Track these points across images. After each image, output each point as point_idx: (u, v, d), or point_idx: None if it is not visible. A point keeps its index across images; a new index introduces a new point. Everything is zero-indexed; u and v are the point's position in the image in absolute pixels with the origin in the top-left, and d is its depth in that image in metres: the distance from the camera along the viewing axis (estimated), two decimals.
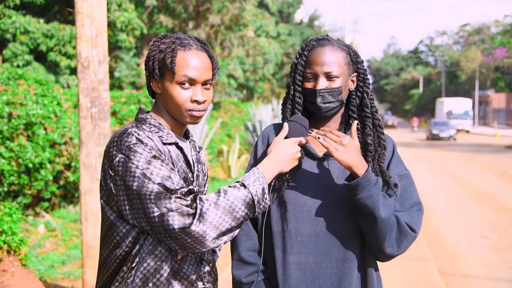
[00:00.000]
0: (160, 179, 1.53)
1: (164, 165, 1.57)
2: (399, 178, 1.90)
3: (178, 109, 1.69)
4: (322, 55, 1.84)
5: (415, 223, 1.83)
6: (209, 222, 1.52)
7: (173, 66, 1.66)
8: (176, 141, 1.72)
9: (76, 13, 3.74)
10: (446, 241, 7.21)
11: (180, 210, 1.51)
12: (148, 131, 1.66)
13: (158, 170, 1.54)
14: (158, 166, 1.55)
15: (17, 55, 12.69)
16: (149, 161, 1.55)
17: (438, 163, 17.63)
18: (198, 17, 19.26)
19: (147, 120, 1.71)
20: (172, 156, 1.69)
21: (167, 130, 1.72)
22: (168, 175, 1.55)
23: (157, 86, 1.73)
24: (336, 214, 1.83)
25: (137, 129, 1.64)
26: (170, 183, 1.54)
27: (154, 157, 1.57)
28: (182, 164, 1.72)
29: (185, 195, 1.54)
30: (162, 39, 1.73)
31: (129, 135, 1.60)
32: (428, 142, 31.23)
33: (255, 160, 1.99)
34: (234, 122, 16.89)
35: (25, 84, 6.77)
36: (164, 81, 1.70)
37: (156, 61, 1.70)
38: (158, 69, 1.69)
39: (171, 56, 1.67)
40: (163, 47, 1.70)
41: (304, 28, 42.10)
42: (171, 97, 1.68)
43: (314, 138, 1.78)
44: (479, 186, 12.18)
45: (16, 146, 6.32)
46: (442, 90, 57.45)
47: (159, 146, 1.64)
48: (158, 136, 1.68)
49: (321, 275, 1.82)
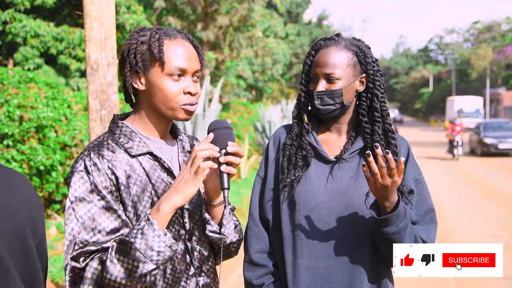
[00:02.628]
0: (74, 228, 1.43)
1: (94, 209, 1.44)
2: (415, 183, 1.85)
3: (170, 104, 1.54)
4: (324, 57, 1.80)
5: (431, 239, 1.81)
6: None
7: (161, 55, 1.51)
8: (149, 150, 1.55)
9: (85, 16, 3.75)
10: (457, 239, 7.15)
11: (72, 274, 1.42)
12: (115, 145, 1.53)
13: (80, 214, 1.44)
14: (83, 210, 1.44)
15: (28, 58, 12.78)
16: (80, 199, 1.44)
17: (450, 162, 17.49)
18: (206, 18, 19.29)
19: (118, 129, 1.57)
20: (146, 168, 1.54)
21: (139, 138, 1.57)
22: (84, 226, 1.43)
23: (139, 82, 1.56)
24: (347, 218, 1.79)
25: (98, 149, 1.51)
26: (82, 235, 1.42)
27: (89, 194, 1.45)
28: (159, 174, 1.56)
29: (83, 255, 1.42)
30: (140, 32, 1.58)
31: (79, 159, 1.49)
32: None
33: (266, 163, 1.96)
34: (243, 123, 16.89)
35: (35, 87, 6.81)
36: (149, 75, 1.54)
37: (138, 53, 1.54)
38: (141, 62, 1.53)
39: (158, 46, 1.52)
40: (144, 38, 1.55)
41: (313, 28, 42.00)
42: (161, 91, 1.53)
43: (378, 154, 1.60)
44: (490, 184, 12.07)
45: (27, 149, 6.36)
46: (452, 89, 57.02)
47: (119, 166, 1.50)
48: (125, 149, 1.53)
49: (332, 279, 1.79)
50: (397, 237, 1.68)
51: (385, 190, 1.62)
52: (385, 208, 1.67)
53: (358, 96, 1.88)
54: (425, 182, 1.89)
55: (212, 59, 18.71)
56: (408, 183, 1.84)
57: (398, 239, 1.68)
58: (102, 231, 1.44)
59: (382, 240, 1.73)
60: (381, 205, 1.68)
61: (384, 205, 1.66)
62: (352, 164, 1.84)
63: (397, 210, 1.65)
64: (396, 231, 1.67)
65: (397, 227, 1.66)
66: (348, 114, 1.88)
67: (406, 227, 1.69)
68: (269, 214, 1.92)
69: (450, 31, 65.87)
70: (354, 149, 1.84)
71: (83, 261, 1.42)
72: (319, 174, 1.84)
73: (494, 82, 52.97)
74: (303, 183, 1.84)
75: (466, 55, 58.40)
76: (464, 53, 59.94)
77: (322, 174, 1.84)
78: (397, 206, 1.67)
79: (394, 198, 1.66)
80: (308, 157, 1.85)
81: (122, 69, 1.58)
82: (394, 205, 1.67)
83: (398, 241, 1.68)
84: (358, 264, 1.79)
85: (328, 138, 1.91)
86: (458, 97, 45.43)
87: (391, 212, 1.67)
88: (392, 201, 1.66)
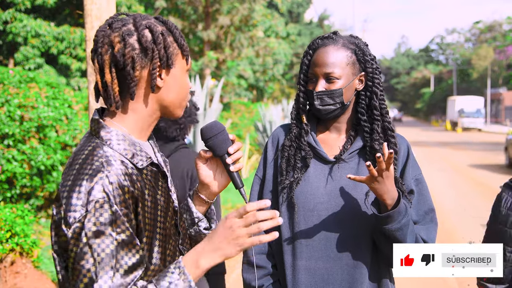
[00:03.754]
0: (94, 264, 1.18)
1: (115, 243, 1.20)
2: (416, 183, 1.84)
3: (182, 102, 1.42)
4: (322, 56, 1.78)
5: (432, 239, 1.80)
6: None
7: (187, 49, 1.39)
8: (151, 159, 1.37)
9: (85, 16, 3.76)
10: (457, 239, 7.15)
11: None
12: (121, 160, 1.29)
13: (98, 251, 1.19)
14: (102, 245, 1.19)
15: (29, 58, 12.79)
16: (98, 233, 1.19)
17: (451, 162, 17.48)
18: (207, 18, 19.29)
19: (114, 139, 1.31)
20: (151, 179, 1.36)
21: (139, 146, 1.35)
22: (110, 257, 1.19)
23: (159, 78, 1.36)
24: (347, 219, 1.78)
25: (108, 167, 1.24)
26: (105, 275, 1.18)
27: (108, 227, 1.20)
28: (162, 182, 1.42)
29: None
30: (144, 19, 1.36)
31: (96, 185, 1.21)
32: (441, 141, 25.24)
33: (264, 164, 1.95)
34: (244, 122, 16.89)
35: (36, 87, 6.81)
36: (173, 70, 1.37)
37: (168, 47, 1.34)
38: (170, 55, 1.35)
39: (182, 38, 1.37)
40: (161, 29, 1.35)
41: (314, 28, 41.99)
42: (182, 88, 1.39)
43: (378, 159, 1.58)
44: (492, 184, 12.06)
45: (28, 148, 6.36)
46: (453, 89, 56.96)
47: (133, 181, 1.28)
48: (132, 163, 1.31)
49: (331, 281, 1.78)
50: (400, 233, 1.67)
51: (382, 184, 1.62)
52: (387, 205, 1.67)
53: (357, 95, 1.86)
54: (425, 182, 1.88)
55: (213, 59, 18.71)
56: (408, 182, 1.83)
57: (401, 235, 1.68)
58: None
59: (384, 239, 1.72)
60: (383, 203, 1.68)
61: (386, 203, 1.66)
62: (351, 165, 1.83)
63: (399, 207, 1.65)
64: (399, 228, 1.66)
65: (400, 223, 1.66)
66: (347, 113, 1.86)
67: (408, 223, 1.69)
68: None
69: (452, 31, 65.95)
70: (353, 149, 1.83)
71: None
72: (318, 174, 1.83)
73: (495, 82, 52.93)
74: (302, 184, 1.82)
75: (467, 55, 58.38)
76: (465, 53, 59.92)
77: (321, 175, 1.83)
78: (398, 203, 1.67)
79: (395, 195, 1.67)
80: (307, 158, 1.84)
81: (134, 63, 1.31)
82: (395, 202, 1.67)
83: (401, 238, 1.68)
84: (358, 265, 1.78)
85: (327, 137, 1.89)
86: (459, 97, 45.40)
87: (393, 209, 1.67)
88: (393, 198, 1.66)
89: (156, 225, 1.34)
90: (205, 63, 18.56)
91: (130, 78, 1.31)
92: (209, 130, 1.45)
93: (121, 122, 1.36)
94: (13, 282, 4.02)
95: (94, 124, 1.34)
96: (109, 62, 1.32)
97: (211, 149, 1.47)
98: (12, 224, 4.02)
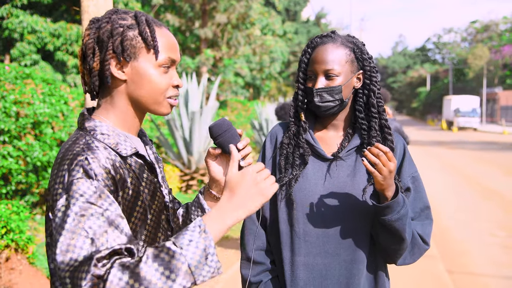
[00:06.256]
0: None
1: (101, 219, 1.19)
2: (412, 180, 1.88)
3: (157, 98, 1.41)
4: (322, 53, 1.80)
5: (427, 235, 1.84)
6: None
7: (156, 44, 1.38)
8: (136, 149, 1.40)
9: (82, 12, 3.74)
10: (454, 239, 7.18)
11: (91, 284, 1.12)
12: (104, 147, 1.32)
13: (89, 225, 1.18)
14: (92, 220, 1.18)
15: (25, 54, 12.75)
16: (86, 208, 1.19)
17: (446, 161, 17.54)
18: (204, 15, 19.27)
19: (98, 129, 1.36)
20: (135, 169, 1.38)
21: (124, 136, 1.39)
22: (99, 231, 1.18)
23: (121, 71, 1.38)
24: (345, 215, 1.81)
25: (90, 152, 1.27)
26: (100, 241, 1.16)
27: (98, 198, 1.21)
28: (147, 175, 1.43)
29: (103, 259, 1.15)
30: (118, 15, 1.40)
31: (76, 166, 1.23)
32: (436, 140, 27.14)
33: (263, 161, 1.96)
34: (240, 120, 16.90)
35: (32, 83, 6.79)
36: (136, 63, 1.38)
37: (126, 39, 1.36)
38: (130, 48, 1.36)
39: (151, 33, 1.38)
40: (130, 23, 1.38)
41: (311, 26, 42.01)
42: (150, 83, 1.38)
43: (367, 155, 1.63)
44: (488, 184, 12.11)
45: (24, 145, 6.34)
46: (449, 88, 57.16)
47: (115, 167, 1.30)
48: (115, 151, 1.34)
49: (329, 276, 1.81)
50: (399, 223, 1.70)
51: (390, 177, 1.64)
52: (386, 197, 1.70)
53: (354, 93, 1.88)
54: (421, 179, 1.91)
55: (210, 57, 18.70)
56: (404, 180, 1.86)
57: (401, 225, 1.70)
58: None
59: (383, 231, 1.75)
60: (382, 195, 1.71)
61: (386, 195, 1.69)
62: (349, 162, 1.85)
63: (397, 197, 1.69)
64: (398, 218, 1.69)
65: (399, 213, 1.69)
66: (345, 111, 1.89)
67: (407, 214, 1.72)
68: (266, 212, 1.93)
69: (448, 30, 66.03)
70: (351, 147, 1.85)
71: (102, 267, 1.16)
72: (316, 171, 1.85)
73: (491, 82, 53.13)
74: (301, 181, 1.84)
75: (463, 55, 58.57)
76: (461, 52, 60.10)
77: (319, 172, 1.85)
78: (397, 194, 1.71)
79: (393, 186, 1.70)
80: (306, 156, 1.86)
81: (93, 54, 1.38)
82: (394, 193, 1.71)
83: (400, 229, 1.71)
84: (355, 260, 1.81)
85: (325, 135, 1.91)
86: (455, 97, 45.52)
87: (392, 199, 1.70)
88: (393, 190, 1.70)
89: (132, 214, 1.34)
90: (201, 61, 18.56)
91: (89, 69, 1.39)
92: (218, 128, 1.48)
93: (106, 115, 1.42)
94: (8, 278, 4.01)
95: (80, 118, 1.42)
96: (80, 55, 1.43)
97: (220, 147, 1.49)
98: (7, 221, 4.01)
